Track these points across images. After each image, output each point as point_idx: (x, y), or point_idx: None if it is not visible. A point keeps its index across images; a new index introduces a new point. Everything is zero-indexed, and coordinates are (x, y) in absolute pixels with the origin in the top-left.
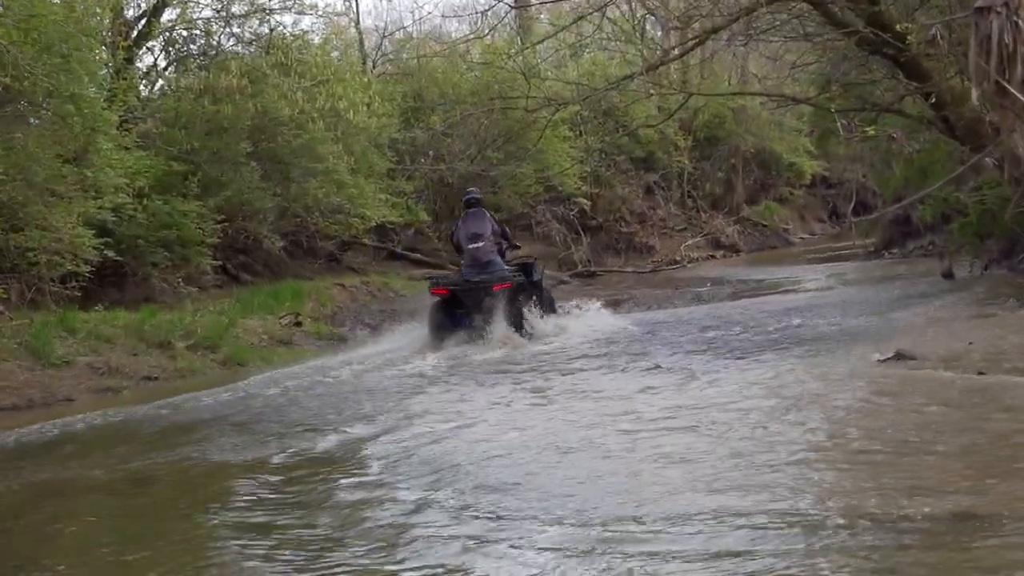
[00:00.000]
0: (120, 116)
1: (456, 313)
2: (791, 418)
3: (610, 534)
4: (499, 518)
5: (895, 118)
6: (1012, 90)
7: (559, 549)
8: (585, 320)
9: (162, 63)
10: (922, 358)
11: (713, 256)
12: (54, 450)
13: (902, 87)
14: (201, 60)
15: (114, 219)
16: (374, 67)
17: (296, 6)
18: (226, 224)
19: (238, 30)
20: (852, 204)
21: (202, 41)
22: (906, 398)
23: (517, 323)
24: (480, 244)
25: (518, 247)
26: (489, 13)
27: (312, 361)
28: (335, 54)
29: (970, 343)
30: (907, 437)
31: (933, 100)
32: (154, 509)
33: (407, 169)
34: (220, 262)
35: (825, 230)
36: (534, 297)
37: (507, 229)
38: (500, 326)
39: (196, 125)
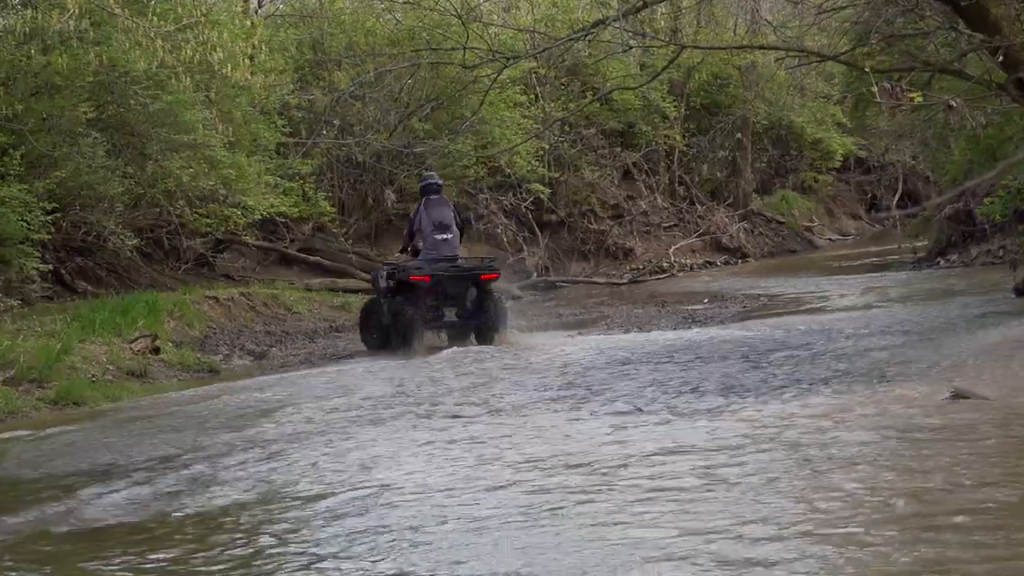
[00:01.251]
0: None
1: (432, 307)
2: (804, 481)
3: None
4: None
5: (954, 81)
6: None
7: None
8: (535, 342)
9: None
10: (989, 398)
11: (712, 263)
12: None
13: (963, 41)
14: None
15: None
16: (260, 6)
17: None
18: (59, 215)
19: None
20: (897, 195)
21: None
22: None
23: (503, 322)
24: (449, 236)
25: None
26: None
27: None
28: None
29: None
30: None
31: (1003, 58)
32: None
33: (303, 143)
34: (51, 266)
35: (861, 229)
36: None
37: (465, 225)
38: (495, 323)
39: (18, 82)
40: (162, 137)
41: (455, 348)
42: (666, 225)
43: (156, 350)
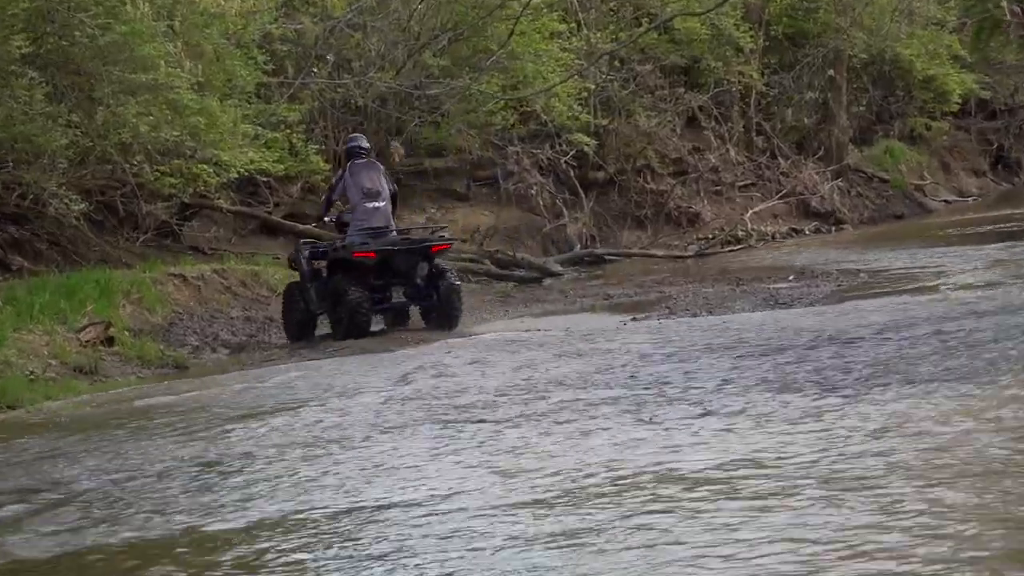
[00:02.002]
0: None
1: (378, 287)
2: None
3: None
4: None
5: None
6: None
7: None
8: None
9: None
10: None
11: (798, 231)
12: None
13: None
14: None
15: None
16: None
17: None
18: None
19: None
20: None
21: None
22: None
23: (460, 302)
24: (380, 204)
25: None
26: None
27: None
28: None
29: None
30: None
31: None
32: None
33: (290, 84)
34: None
35: (985, 188)
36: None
37: (396, 190)
38: (451, 303)
39: None
40: (115, 77)
41: (463, 335)
42: (741, 184)
43: (109, 341)
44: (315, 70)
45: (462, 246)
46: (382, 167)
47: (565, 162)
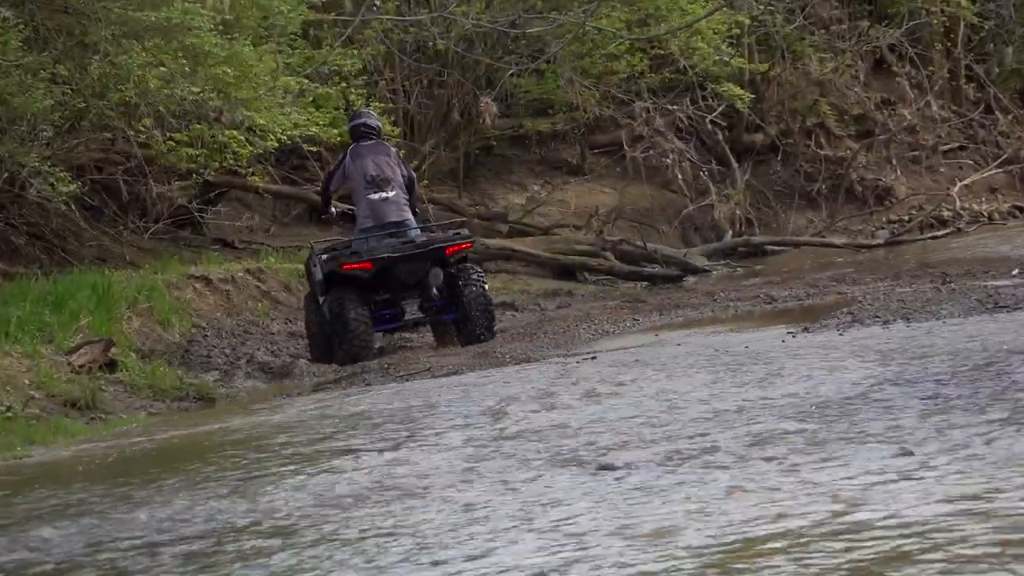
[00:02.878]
0: None
1: (384, 303)
2: None
3: None
4: None
5: None
6: None
7: None
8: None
9: None
10: None
11: None
12: None
13: None
14: None
15: None
16: None
17: None
18: None
19: None
20: None
21: None
22: None
23: (486, 313)
24: (388, 193)
25: (418, 212)
26: None
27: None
28: None
29: None
30: None
31: None
32: None
33: (346, 23)
34: None
35: None
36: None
37: (415, 176)
38: (480, 313)
39: None
40: (114, 16)
41: (578, 353)
42: (946, 148)
43: (110, 365)
44: (379, 3)
45: (576, 234)
46: (394, 150)
47: (711, 122)
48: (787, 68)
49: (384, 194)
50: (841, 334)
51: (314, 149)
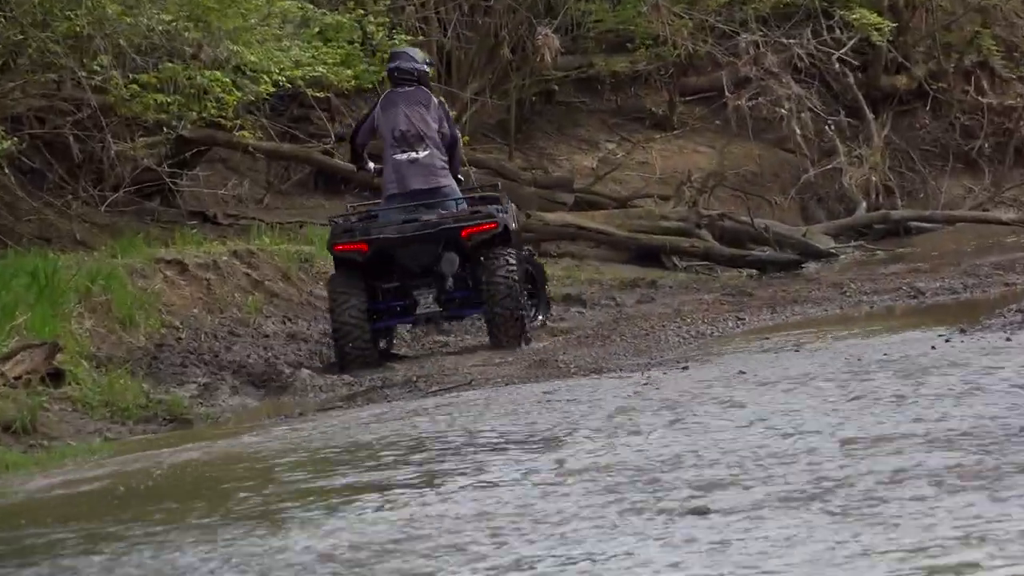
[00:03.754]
0: None
1: (393, 292)
2: None
3: None
4: None
5: None
6: None
7: None
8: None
9: None
10: None
11: None
12: None
13: None
14: None
15: None
16: None
17: None
18: None
19: None
20: None
21: None
22: None
23: (513, 308)
24: (420, 153)
25: (462, 180)
26: None
27: None
28: None
29: None
30: None
31: None
32: None
33: None
34: None
35: None
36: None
37: (459, 135)
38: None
39: None
40: None
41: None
42: None
43: (55, 376)
44: None
45: (662, 207)
46: (436, 100)
47: (839, 60)
48: None
49: (413, 154)
50: (1009, 338)
51: (321, 95)
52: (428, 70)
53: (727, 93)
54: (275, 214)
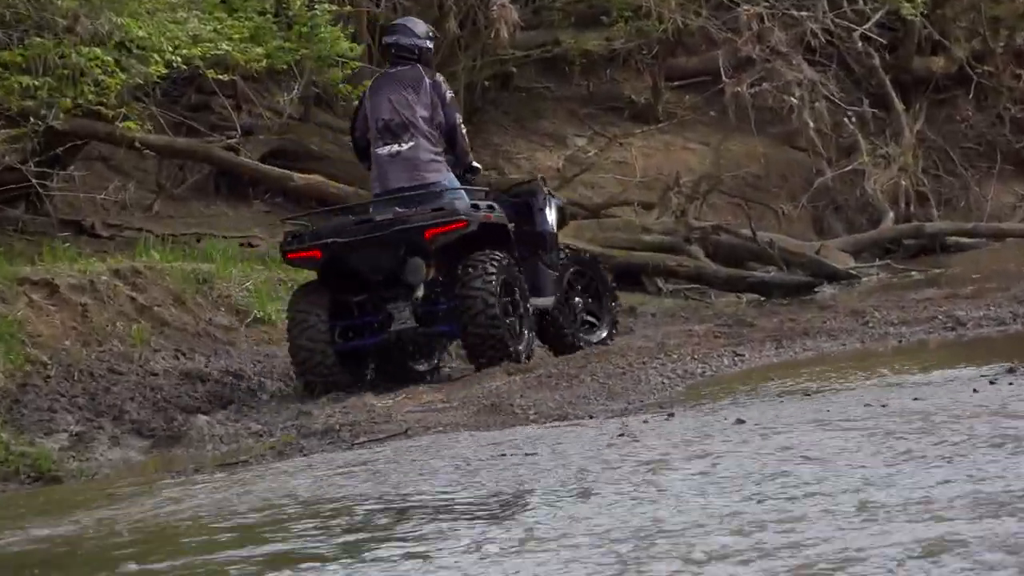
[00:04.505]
0: None
1: (357, 307)
2: None
3: None
4: None
5: None
6: None
7: None
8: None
9: None
10: None
11: None
12: None
13: None
14: None
15: None
16: None
17: None
18: None
19: None
20: None
21: None
22: None
23: (486, 319)
24: (403, 146)
25: (477, 169)
26: None
27: None
28: None
29: None
30: None
31: None
32: None
33: None
34: None
35: None
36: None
37: (460, 122)
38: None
39: None
40: None
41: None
42: None
43: None
44: None
45: (644, 216)
46: (430, 81)
47: (863, 38)
48: None
49: (396, 147)
50: None
51: (225, 78)
52: (431, 45)
53: (724, 78)
54: (167, 224)
